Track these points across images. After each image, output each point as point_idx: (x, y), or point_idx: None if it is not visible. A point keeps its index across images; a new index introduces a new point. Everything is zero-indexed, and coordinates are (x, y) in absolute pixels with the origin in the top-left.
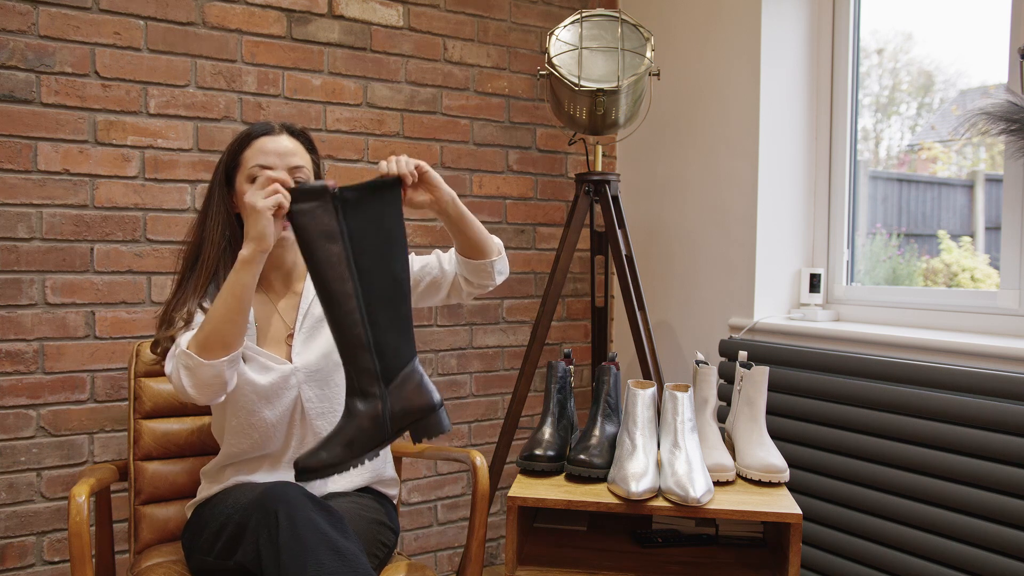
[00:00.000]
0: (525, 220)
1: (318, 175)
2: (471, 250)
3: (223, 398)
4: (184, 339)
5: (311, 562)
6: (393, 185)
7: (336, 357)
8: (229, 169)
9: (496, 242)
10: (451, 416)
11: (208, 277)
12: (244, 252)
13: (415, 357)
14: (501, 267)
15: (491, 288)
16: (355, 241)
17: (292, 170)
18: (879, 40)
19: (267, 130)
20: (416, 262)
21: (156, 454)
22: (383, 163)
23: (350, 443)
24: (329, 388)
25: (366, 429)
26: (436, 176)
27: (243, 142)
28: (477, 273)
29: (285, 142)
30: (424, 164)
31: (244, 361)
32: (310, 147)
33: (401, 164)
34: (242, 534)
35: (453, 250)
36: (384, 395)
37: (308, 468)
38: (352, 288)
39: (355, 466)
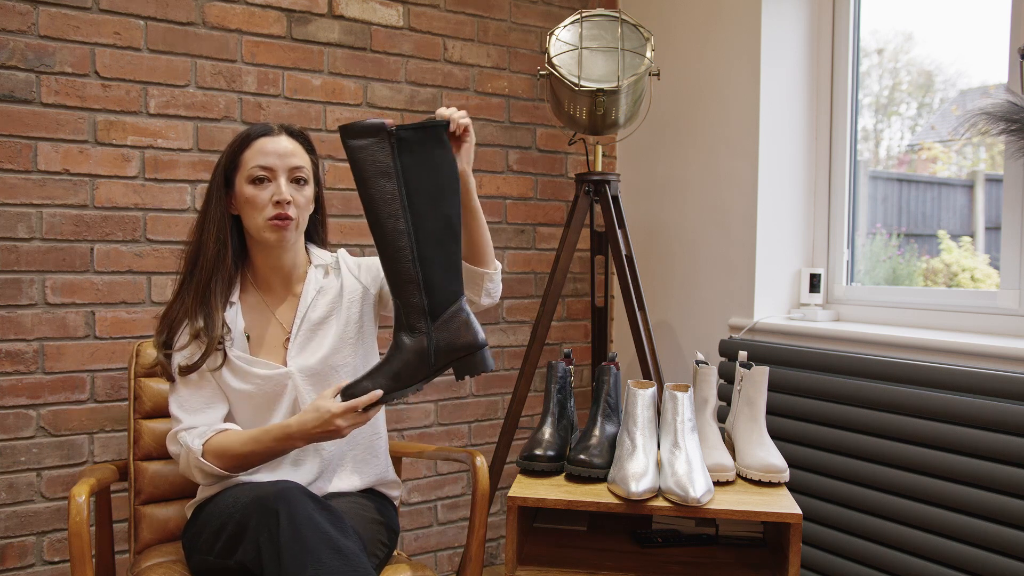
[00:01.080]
0: (525, 220)
1: (317, 177)
2: (472, 249)
3: None
4: (196, 443)
5: (312, 561)
6: (441, 127)
7: (335, 360)
8: (228, 170)
9: (497, 262)
10: (451, 416)
11: (207, 280)
12: (301, 442)
13: (462, 296)
14: (491, 287)
15: (476, 307)
16: (408, 179)
17: (292, 170)
18: (879, 40)
19: (266, 131)
20: None
21: (156, 454)
22: (441, 109)
23: (396, 375)
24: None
25: (411, 362)
26: (470, 146)
27: (242, 143)
28: (469, 281)
29: (284, 143)
30: (470, 127)
31: (236, 375)
32: (309, 148)
33: (455, 112)
34: (243, 533)
35: None
36: (430, 330)
37: (353, 395)
38: (404, 225)
39: (397, 399)
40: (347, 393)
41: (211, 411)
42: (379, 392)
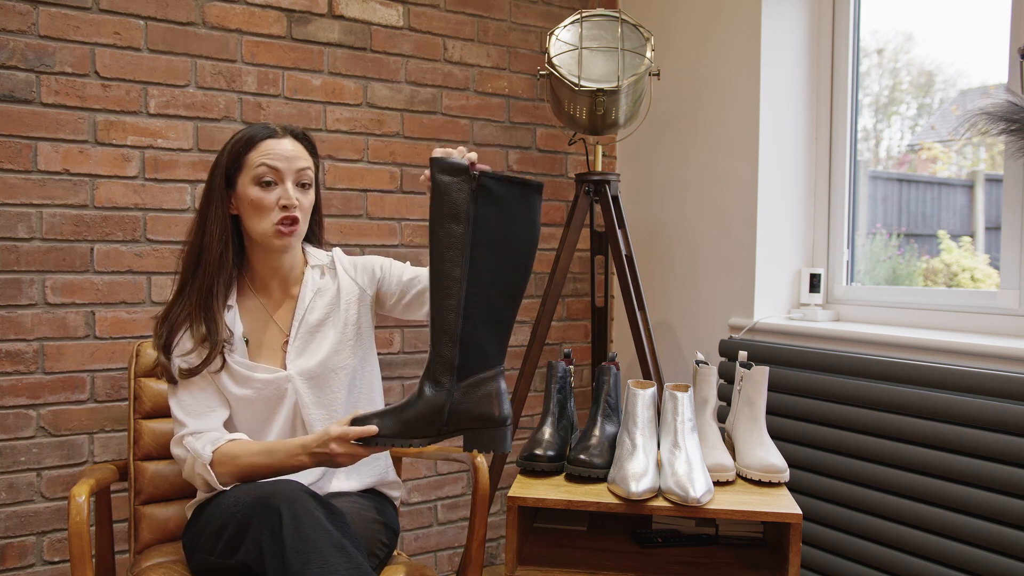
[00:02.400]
0: None
1: (317, 179)
2: None
3: None
4: (206, 451)
5: (315, 559)
6: (533, 188)
7: (334, 362)
8: (230, 171)
9: None
10: None
11: (210, 282)
12: (306, 460)
13: (500, 367)
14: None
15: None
16: (479, 229)
17: (298, 173)
18: (879, 40)
19: (271, 133)
20: (408, 271)
21: (156, 454)
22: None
23: (406, 424)
24: (326, 394)
25: (424, 416)
26: None
27: (247, 144)
28: (413, 304)
29: (290, 145)
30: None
31: (236, 381)
32: (312, 150)
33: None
34: (244, 532)
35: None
36: (453, 389)
37: (360, 422)
38: (459, 273)
39: (404, 444)
40: (354, 422)
41: (215, 414)
42: (373, 428)
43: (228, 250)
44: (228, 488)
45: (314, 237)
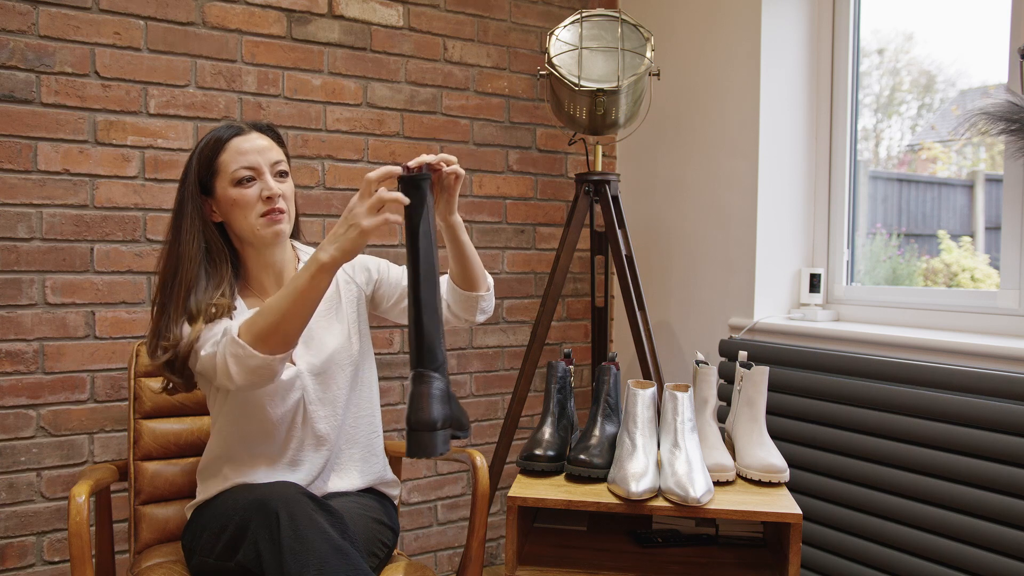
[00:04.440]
0: (525, 220)
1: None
2: (465, 279)
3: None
4: (234, 326)
5: (314, 561)
6: (420, 179)
7: (339, 358)
8: (204, 177)
9: (488, 279)
10: None
11: (186, 295)
12: (325, 257)
13: (419, 367)
14: (486, 305)
15: (468, 324)
16: (428, 225)
17: (274, 165)
18: (880, 40)
19: (237, 131)
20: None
21: (156, 454)
22: (425, 156)
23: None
24: (331, 389)
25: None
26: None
27: (215, 147)
28: (463, 305)
29: (258, 140)
30: (462, 176)
31: None
32: (280, 141)
33: (443, 159)
34: (243, 535)
35: (447, 276)
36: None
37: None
38: (409, 272)
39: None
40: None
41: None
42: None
43: (207, 258)
44: (263, 363)
45: (296, 229)
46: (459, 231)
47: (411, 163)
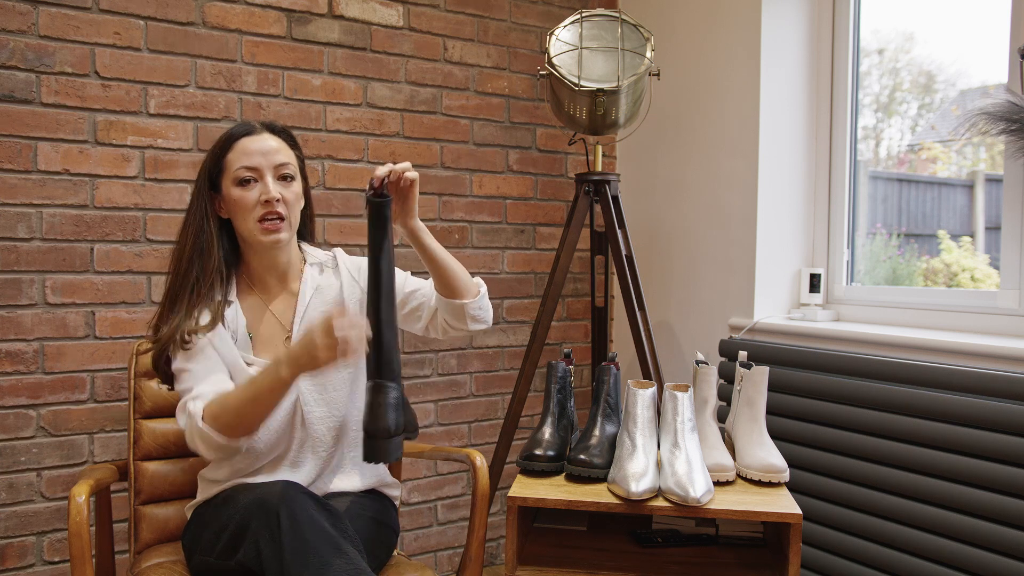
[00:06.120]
0: (525, 220)
1: (303, 171)
2: (444, 285)
3: None
4: (197, 406)
5: (314, 560)
6: (380, 204)
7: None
8: (213, 174)
9: (474, 284)
10: (451, 416)
11: (200, 288)
12: (285, 374)
13: (380, 379)
14: (476, 313)
15: (467, 332)
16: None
17: (278, 168)
18: (880, 40)
19: (248, 130)
20: (410, 283)
21: (156, 454)
22: (380, 169)
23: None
24: (328, 391)
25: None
26: (415, 200)
27: (224, 145)
28: (451, 313)
29: (268, 141)
30: (416, 182)
31: (239, 375)
32: (293, 143)
33: (398, 167)
34: (243, 534)
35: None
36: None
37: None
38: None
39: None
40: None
41: (219, 374)
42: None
43: (212, 255)
44: (229, 444)
45: (306, 231)
46: (422, 234)
47: (373, 177)
